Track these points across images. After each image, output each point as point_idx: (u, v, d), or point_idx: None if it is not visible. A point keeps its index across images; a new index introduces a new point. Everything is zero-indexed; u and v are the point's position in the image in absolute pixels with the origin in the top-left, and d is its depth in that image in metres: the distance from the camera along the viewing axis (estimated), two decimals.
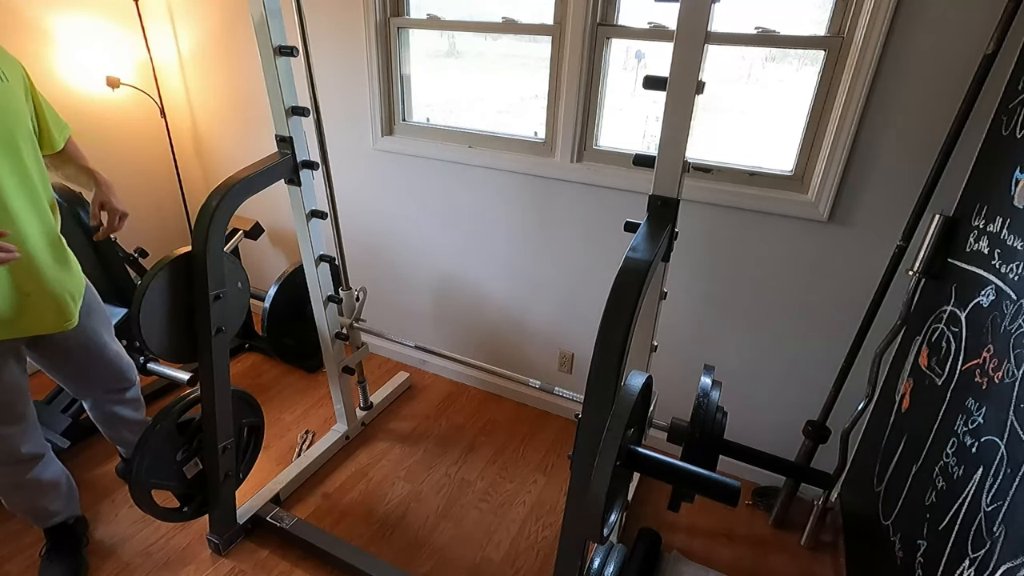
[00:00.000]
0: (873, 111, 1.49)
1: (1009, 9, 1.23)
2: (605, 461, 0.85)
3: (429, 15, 2.05)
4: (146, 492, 1.44)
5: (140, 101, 2.56)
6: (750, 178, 1.74)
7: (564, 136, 1.92)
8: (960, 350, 1.22)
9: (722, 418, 1.17)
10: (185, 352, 1.42)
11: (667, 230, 1.25)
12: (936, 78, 1.40)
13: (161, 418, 1.43)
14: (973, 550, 0.97)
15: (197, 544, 1.70)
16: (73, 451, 1.90)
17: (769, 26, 1.58)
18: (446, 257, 2.36)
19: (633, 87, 1.92)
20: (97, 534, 1.72)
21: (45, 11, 2.19)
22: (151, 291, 1.30)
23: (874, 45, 1.42)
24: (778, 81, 1.74)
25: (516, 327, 2.34)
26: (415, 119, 2.27)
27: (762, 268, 1.79)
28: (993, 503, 0.95)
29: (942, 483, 1.16)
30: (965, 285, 1.27)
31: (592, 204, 1.97)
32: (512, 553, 1.75)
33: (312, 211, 1.72)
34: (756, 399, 1.96)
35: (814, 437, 1.73)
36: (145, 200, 2.73)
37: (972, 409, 1.10)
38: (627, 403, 0.88)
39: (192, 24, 2.44)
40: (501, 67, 2.18)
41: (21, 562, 1.61)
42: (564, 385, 1.78)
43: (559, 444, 2.22)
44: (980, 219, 1.26)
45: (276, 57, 1.47)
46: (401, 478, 2.00)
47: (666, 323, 1.90)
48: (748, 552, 1.80)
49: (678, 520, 1.88)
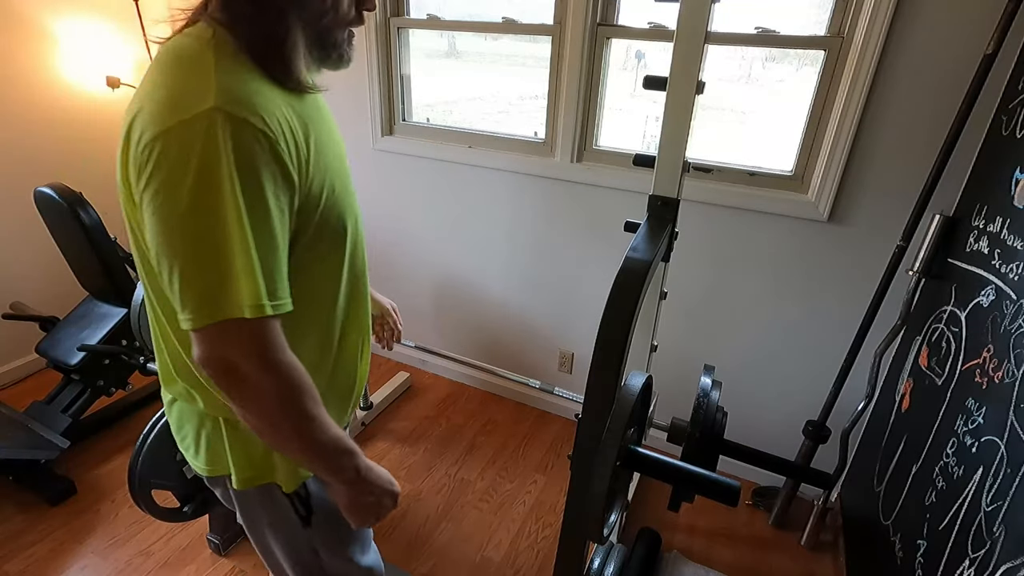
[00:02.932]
0: (873, 111, 1.49)
1: (1009, 9, 1.23)
2: (605, 461, 0.85)
3: (429, 15, 2.05)
4: (146, 492, 1.44)
5: None
6: (750, 178, 1.74)
7: (564, 136, 1.92)
8: (960, 350, 1.22)
9: (722, 418, 1.17)
10: None
11: (667, 230, 1.25)
12: (936, 78, 1.40)
13: (161, 418, 1.42)
14: (973, 550, 0.97)
15: (197, 544, 1.70)
16: (73, 451, 1.90)
17: (769, 26, 1.58)
18: (446, 257, 2.36)
19: (633, 87, 1.92)
20: (97, 534, 1.72)
21: (45, 11, 2.19)
22: None
23: (874, 45, 1.42)
24: (778, 81, 1.75)
25: (516, 327, 2.34)
26: (415, 119, 2.27)
27: (762, 268, 1.79)
28: (993, 503, 0.95)
29: (942, 483, 1.16)
30: (965, 285, 1.27)
31: (592, 204, 1.97)
32: (512, 553, 1.75)
33: None
34: (756, 399, 1.96)
35: (814, 437, 1.73)
36: None
37: (972, 409, 1.10)
38: (627, 403, 0.88)
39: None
40: (501, 67, 2.18)
41: (21, 562, 1.61)
42: (564, 385, 1.79)
43: (559, 444, 2.22)
44: (980, 219, 1.26)
45: None
46: (401, 478, 2.00)
47: (666, 323, 1.90)
48: (748, 552, 1.80)
49: (678, 520, 1.88)
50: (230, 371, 0.63)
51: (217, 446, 0.83)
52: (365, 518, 0.82)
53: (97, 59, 2.37)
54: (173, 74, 0.63)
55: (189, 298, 0.61)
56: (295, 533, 0.90)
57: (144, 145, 0.60)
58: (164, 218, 0.60)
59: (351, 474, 0.76)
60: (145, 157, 0.60)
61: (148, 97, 0.62)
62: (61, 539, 1.69)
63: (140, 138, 0.60)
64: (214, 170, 0.59)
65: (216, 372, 0.64)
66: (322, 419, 0.70)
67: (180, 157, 0.59)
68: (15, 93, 2.17)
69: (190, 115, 0.59)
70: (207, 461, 0.84)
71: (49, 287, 2.37)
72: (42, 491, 1.80)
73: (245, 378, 0.64)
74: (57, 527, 1.72)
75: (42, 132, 2.28)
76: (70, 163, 2.39)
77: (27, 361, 2.37)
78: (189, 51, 0.65)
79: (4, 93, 2.14)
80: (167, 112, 0.60)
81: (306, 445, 0.70)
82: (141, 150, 0.60)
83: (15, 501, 1.79)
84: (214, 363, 0.63)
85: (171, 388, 0.83)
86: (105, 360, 1.94)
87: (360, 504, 0.80)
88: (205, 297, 0.61)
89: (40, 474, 1.83)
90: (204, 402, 0.80)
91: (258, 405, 0.66)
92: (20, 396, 2.23)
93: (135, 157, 0.61)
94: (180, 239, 0.60)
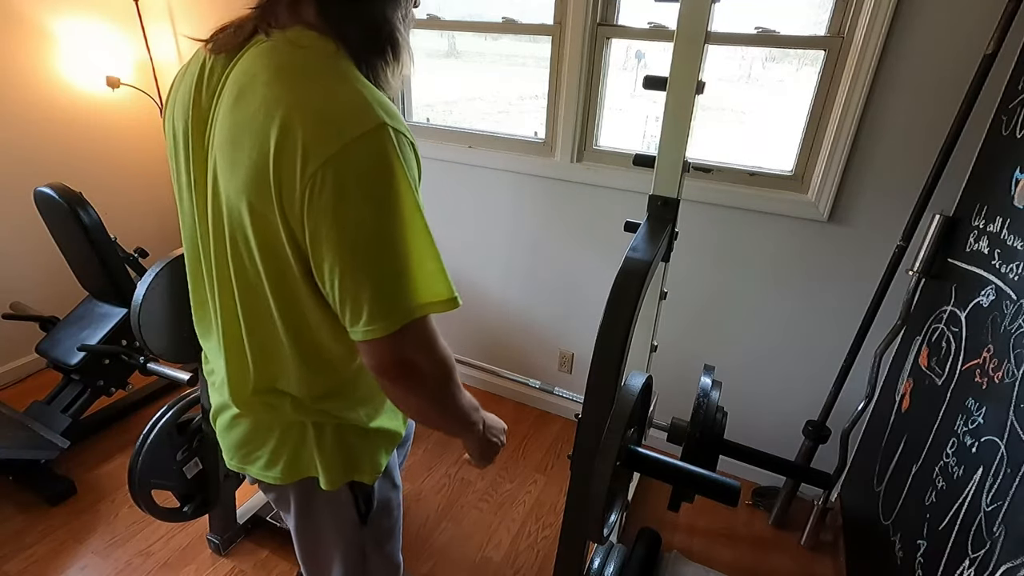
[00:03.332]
0: (873, 111, 1.49)
1: (1009, 9, 1.23)
2: (605, 461, 0.85)
3: (429, 15, 2.05)
4: (146, 492, 1.44)
5: (140, 101, 2.56)
6: (750, 178, 1.74)
7: (564, 136, 1.92)
8: (960, 350, 1.22)
9: (722, 418, 1.17)
10: (185, 352, 1.42)
11: (667, 230, 1.25)
12: (936, 78, 1.40)
13: (161, 418, 1.43)
14: (973, 550, 0.97)
15: (197, 544, 1.70)
16: (73, 451, 1.90)
17: (769, 26, 1.58)
18: (446, 257, 2.32)
19: (633, 87, 1.92)
20: (97, 534, 1.72)
21: (45, 11, 2.19)
22: (151, 291, 1.30)
23: (874, 45, 1.42)
24: (778, 81, 1.75)
25: (516, 327, 2.34)
26: (415, 119, 2.27)
27: (762, 268, 1.79)
28: (993, 503, 0.95)
29: (942, 483, 1.16)
30: (965, 285, 1.27)
31: (592, 204, 1.97)
32: (512, 553, 1.75)
33: None
34: (756, 399, 1.96)
35: (814, 437, 1.73)
36: (145, 200, 2.73)
37: (972, 409, 1.10)
38: (627, 403, 0.88)
39: (192, 24, 2.44)
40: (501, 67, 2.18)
41: (21, 562, 1.61)
42: (564, 385, 1.79)
43: (559, 444, 2.22)
44: (980, 219, 1.26)
45: None
46: (401, 478, 2.00)
47: (666, 323, 1.90)
48: (748, 552, 1.80)
49: (678, 520, 1.88)
50: (411, 367, 0.67)
51: (300, 452, 0.83)
52: (490, 458, 0.93)
53: (97, 59, 2.37)
54: (314, 89, 0.62)
55: (381, 306, 0.63)
56: (353, 532, 0.94)
57: (315, 169, 0.59)
58: (352, 235, 0.61)
59: (480, 426, 0.87)
60: (319, 180, 0.59)
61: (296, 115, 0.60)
62: (61, 539, 1.69)
63: (306, 162, 0.59)
64: (395, 182, 0.61)
65: (401, 372, 0.67)
66: (462, 388, 0.77)
67: (360, 175, 0.60)
68: (15, 93, 2.17)
69: (360, 133, 0.59)
70: (284, 470, 0.84)
71: (49, 287, 2.37)
72: (42, 491, 1.80)
73: (421, 371, 0.68)
74: (57, 527, 1.72)
75: (42, 132, 2.28)
76: (70, 163, 2.39)
77: (27, 361, 2.37)
78: (319, 64, 0.64)
79: (4, 93, 2.14)
80: (333, 132, 0.59)
81: (458, 414, 0.79)
82: (312, 173, 0.59)
83: (15, 501, 1.79)
84: (398, 364, 0.67)
85: (244, 405, 0.81)
86: (105, 360, 1.94)
87: (486, 448, 0.91)
88: (400, 302, 0.64)
89: (40, 474, 1.83)
90: (295, 410, 0.80)
91: (430, 391, 0.71)
92: (20, 396, 2.23)
93: (303, 180, 0.59)
94: (373, 251, 0.62)
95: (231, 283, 0.72)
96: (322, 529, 0.94)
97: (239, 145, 0.62)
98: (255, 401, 0.80)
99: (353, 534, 0.94)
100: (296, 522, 0.94)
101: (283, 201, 0.61)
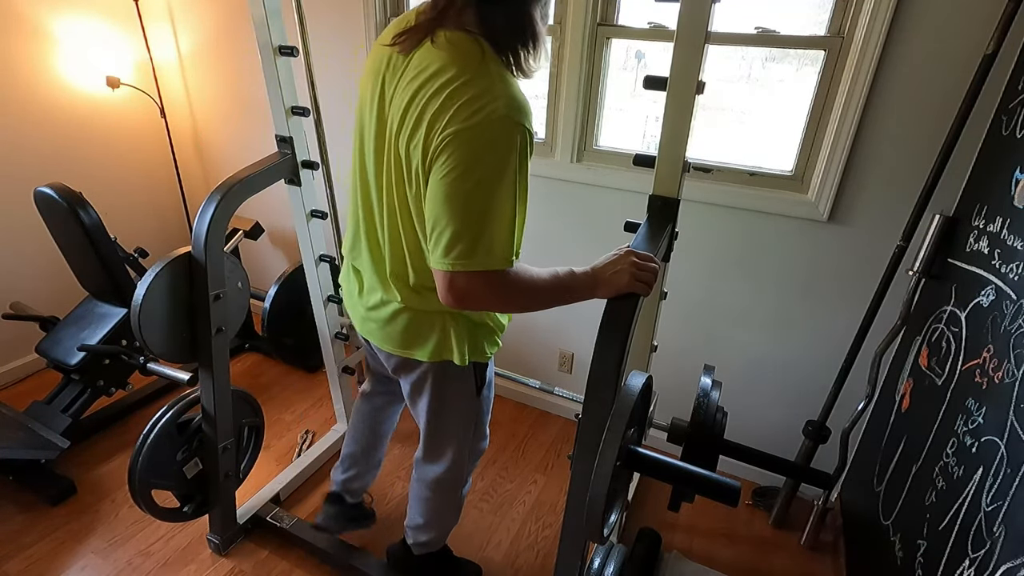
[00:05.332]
0: (873, 111, 1.49)
1: (1009, 9, 1.23)
2: (605, 461, 0.85)
3: None
4: (146, 492, 1.44)
5: (140, 101, 2.56)
6: (750, 178, 1.74)
7: (564, 136, 1.92)
8: (960, 350, 1.22)
9: (722, 418, 1.16)
10: (185, 352, 1.42)
11: (667, 230, 1.25)
12: (936, 78, 1.40)
13: (161, 418, 1.43)
14: (973, 550, 0.97)
15: (197, 544, 1.70)
16: (73, 451, 1.90)
17: (769, 26, 1.58)
18: None
19: (633, 87, 1.92)
20: (97, 534, 1.72)
21: (45, 11, 2.19)
22: (151, 291, 1.30)
23: (874, 45, 1.42)
24: (778, 81, 1.74)
25: (516, 327, 2.34)
26: None
27: (762, 268, 1.79)
28: (993, 503, 0.95)
29: (942, 483, 1.16)
30: (965, 285, 1.27)
31: (592, 204, 1.97)
32: (512, 553, 1.75)
33: (312, 211, 1.72)
34: (756, 399, 1.96)
35: (814, 437, 1.73)
36: (145, 200, 2.74)
37: (972, 409, 1.10)
38: (627, 403, 0.88)
39: (192, 24, 2.44)
40: None
41: (21, 562, 1.61)
42: (564, 385, 1.79)
43: (559, 444, 2.22)
44: (980, 219, 1.26)
45: (276, 57, 1.46)
46: (401, 478, 2.00)
47: (666, 323, 1.90)
48: (748, 552, 1.80)
49: (678, 520, 1.88)
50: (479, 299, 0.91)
51: (444, 338, 1.10)
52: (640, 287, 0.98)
53: (97, 59, 2.37)
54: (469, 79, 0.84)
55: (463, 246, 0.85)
56: (470, 402, 1.26)
57: (448, 133, 0.82)
58: (454, 188, 0.84)
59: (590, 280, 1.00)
60: (446, 142, 0.83)
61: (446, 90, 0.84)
62: (61, 539, 1.69)
63: (443, 127, 0.83)
64: (503, 162, 0.84)
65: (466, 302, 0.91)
66: (543, 282, 0.97)
67: (477, 149, 0.83)
68: (15, 93, 2.17)
69: (485, 118, 0.82)
70: (433, 351, 1.11)
71: (49, 287, 2.37)
72: (42, 491, 1.80)
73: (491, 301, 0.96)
74: (57, 527, 1.72)
75: (42, 132, 2.28)
76: (70, 163, 2.40)
77: (27, 361, 2.37)
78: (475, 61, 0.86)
79: (4, 93, 2.14)
80: (469, 113, 0.82)
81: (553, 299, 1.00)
82: (444, 136, 0.83)
83: (15, 501, 1.80)
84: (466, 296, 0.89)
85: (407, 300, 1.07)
86: (105, 360, 1.94)
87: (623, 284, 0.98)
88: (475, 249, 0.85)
89: (40, 474, 1.83)
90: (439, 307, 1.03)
91: (510, 308, 1.03)
92: (20, 396, 2.23)
93: (437, 138, 0.84)
94: (465, 205, 0.84)
95: (395, 204, 0.98)
96: (450, 400, 1.23)
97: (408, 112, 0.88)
98: (413, 296, 1.06)
99: (470, 404, 1.26)
100: (431, 393, 1.21)
101: (427, 152, 0.86)
